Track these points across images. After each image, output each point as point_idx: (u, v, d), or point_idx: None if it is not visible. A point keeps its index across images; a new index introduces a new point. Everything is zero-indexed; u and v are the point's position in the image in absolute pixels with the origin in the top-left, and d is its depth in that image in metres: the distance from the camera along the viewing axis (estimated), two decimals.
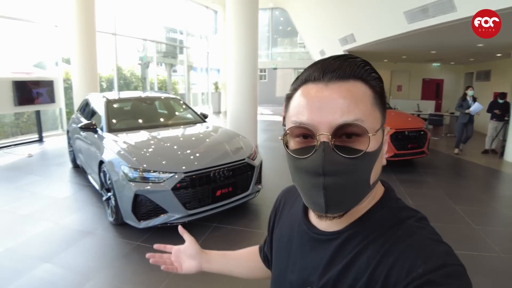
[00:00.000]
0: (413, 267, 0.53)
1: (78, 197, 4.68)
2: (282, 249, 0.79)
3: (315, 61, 0.63)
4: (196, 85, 17.98)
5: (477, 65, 13.01)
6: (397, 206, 0.65)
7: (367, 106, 0.57)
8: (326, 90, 0.57)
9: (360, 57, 0.60)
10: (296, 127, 0.58)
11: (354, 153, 0.55)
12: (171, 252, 1.07)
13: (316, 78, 0.58)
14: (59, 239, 3.45)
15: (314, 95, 0.57)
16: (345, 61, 0.58)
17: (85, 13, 8.50)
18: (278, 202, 0.91)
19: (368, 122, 0.56)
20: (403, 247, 0.56)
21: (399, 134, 6.26)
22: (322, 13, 11.29)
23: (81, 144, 5.02)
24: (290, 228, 0.78)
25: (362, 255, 0.60)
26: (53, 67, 9.69)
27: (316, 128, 0.56)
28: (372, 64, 0.62)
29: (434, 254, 0.54)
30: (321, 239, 0.67)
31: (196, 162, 3.58)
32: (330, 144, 0.55)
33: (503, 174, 6.64)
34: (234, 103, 7.37)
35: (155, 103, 5.47)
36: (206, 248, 1.07)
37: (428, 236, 0.58)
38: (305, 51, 20.02)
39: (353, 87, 0.57)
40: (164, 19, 15.33)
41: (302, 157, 0.57)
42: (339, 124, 0.54)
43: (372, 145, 0.56)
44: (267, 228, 0.94)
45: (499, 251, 3.40)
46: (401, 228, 0.60)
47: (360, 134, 0.56)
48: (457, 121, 7.79)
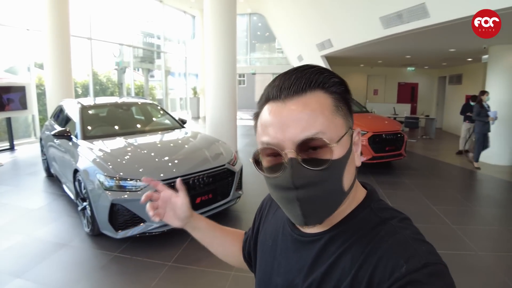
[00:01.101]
0: (396, 267, 0.53)
1: (52, 208, 4.51)
2: (267, 252, 0.78)
3: (276, 76, 0.64)
4: (174, 90, 17.80)
5: (450, 69, 13.46)
6: (379, 207, 0.66)
7: (326, 117, 0.58)
8: (284, 109, 0.58)
9: (318, 66, 0.62)
10: (264, 148, 0.60)
11: (320, 164, 0.57)
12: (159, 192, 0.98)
13: (275, 96, 0.60)
14: (32, 253, 3.29)
15: (275, 114, 0.59)
16: (301, 73, 0.60)
17: (58, 16, 8.26)
18: (263, 205, 0.91)
19: (330, 133, 0.57)
20: (386, 247, 0.57)
21: (377, 137, 6.37)
22: (299, 19, 11.40)
23: (55, 152, 4.85)
24: (275, 231, 0.78)
25: (346, 255, 0.60)
26: (25, 72, 9.37)
27: (281, 146, 0.57)
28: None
29: (417, 253, 0.54)
30: (304, 241, 0.68)
31: (175, 169, 3.51)
32: (297, 159, 0.56)
33: (477, 173, 6.86)
34: (214, 108, 7.32)
35: (131, 109, 5.36)
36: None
37: (411, 236, 0.58)
38: (283, 56, 20.23)
39: (310, 100, 0.58)
40: (141, 24, 15.14)
41: (273, 175, 0.60)
42: (301, 140, 0.56)
43: (337, 153, 0.58)
44: (251, 228, 0.93)
45: (476, 249, 3.50)
46: (384, 228, 0.60)
47: (323, 146, 0.57)
48: (473, 131, 6.95)
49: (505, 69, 7.37)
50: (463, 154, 8.45)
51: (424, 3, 5.22)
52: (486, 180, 6.47)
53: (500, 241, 3.82)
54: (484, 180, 6.50)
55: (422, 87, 15.62)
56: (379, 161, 6.50)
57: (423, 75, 15.39)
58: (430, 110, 14.57)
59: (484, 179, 6.56)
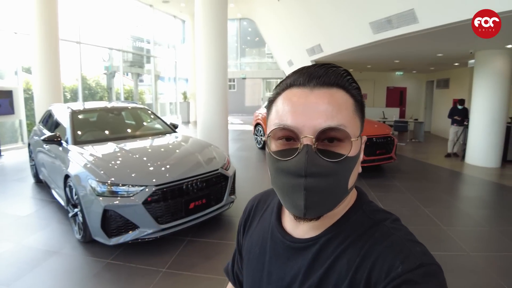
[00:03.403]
0: (392, 267, 0.54)
1: (42, 214, 4.42)
2: (254, 261, 0.77)
3: (299, 68, 0.64)
4: (163, 95, 17.69)
5: (437, 74, 13.68)
6: (371, 209, 0.67)
7: (349, 113, 0.59)
8: (311, 95, 0.58)
9: (342, 67, 0.62)
10: (280, 129, 0.59)
11: (336, 157, 0.57)
12: None
13: (302, 83, 0.60)
14: (21, 261, 3.21)
15: (299, 99, 0.59)
16: (329, 69, 0.60)
17: (47, 20, 8.11)
18: (246, 212, 0.89)
19: (350, 128, 0.58)
20: (381, 248, 0.58)
21: (368, 140, 6.42)
22: (289, 24, 11.48)
23: (44, 158, 4.77)
24: (262, 238, 0.77)
25: (342, 259, 0.60)
26: (12, 76, 9.20)
27: (300, 131, 0.57)
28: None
29: (412, 254, 0.56)
30: (298, 247, 0.67)
31: (168, 174, 3.47)
32: (313, 147, 0.56)
33: (465, 176, 6.98)
34: (205, 113, 7.29)
35: (122, 113, 5.30)
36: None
37: (405, 237, 0.60)
38: (273, 61, 20.30)
39: (337, 94, 0.59)
40: (130, 28, 15.02)
41: (285, 159, 0.58)
42: (323, 128, 0.56)
43: (353, 150, 0.59)
44: (236, 241, 0.91)
45: (468, 250, 3.55)
46: (378, 230, 0.62)
47: (341, 139, 0.58)
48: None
49: (491, 73, 7.54)
50: (451, 157, 8.60)
51: (413, 9, 5.32)
52: (474, 182, 6.57)
53: (490, 242, 3.88)
54: (472, 182, 6.61)
55: (410, 91, 15.83)
56: (370, 165, 6.57)
57: (411, 80, 15.61)
58: (419, 114, 14.78)
59: (472, 181, 6.67)
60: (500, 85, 7.48)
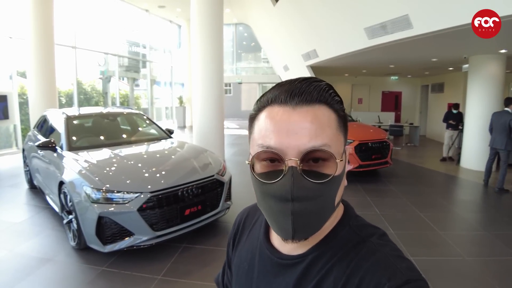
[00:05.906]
0: (379, 285, 0.54)
1: (36, 221, 4.37)
2: (243, 276, 0.76)
3: (280, 82, 0.63)
4: (159, 100, 17.68)
5: (432, 78, 13.78)
6: (358, 224, 0.67)
7: (332, 131, 0.58)
8: (294, 114, 0.56)
9: (324, 81, 0.61)
10: (264, 152, 0.57)
11: (322, 178, 0.56)
12: None
13: (283, 100, 0.58)
14: (14, 269, 3.18)
15: (282, 119, 0.57)
16: (310, 85, 0.58)
17: (42, 24, 8.09)
18: (235, 226, 0.88)
19: (334, 147, 0.57)
20: (367, 266, 0.57)
21: (363, 145, 6.45)
22: (285, 29, 11.52)
23: (38, 164, 4.73)
24: (251, 253, 0.76)
25: (329, 276, 0.60)
26: (6, 80, 9.15)
27: (284, 152, 0.55)
28: (333, 84, 0.62)
29: (398, 271, 0.55)
30: (286, 264, 0.66)
31: (163, 181, 3.45)
32: (298, 169, 0.55)
33: (461, 179, 7.02)
34: (201, 117, 7.28)
35: (117, 119, 5.28)
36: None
37: (391, 253, 0.59)
38: (269, 66, 20.37)
39: (319, 112, 0.58)
40: (126, 33, 15.03)
41: (270, 182, 0.57)
42: (308, 149, 0.55)
43: (339, 169, 0.58)
44: (226, 253, 0.91)
45: (464, 255, 3.56)
46: (364, 247, 0.61)
47: (326, 159, 0.56)
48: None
49: (485, 78, 7.62)
50: (447, 161, 8.64)
51: (407, 15, 5.36)
52: (469, 186, 6.61)
53: (486, 246, 3.89)
54: (467, 186, 6.64)
55: (405, 96, 15.93)
56: (365, 169, 6.58)
57: (406, 84, 15.71)
58: (414, 118, 14.85)
59: (467, 185, 6.70)
60: (494, 89, 7.55)
